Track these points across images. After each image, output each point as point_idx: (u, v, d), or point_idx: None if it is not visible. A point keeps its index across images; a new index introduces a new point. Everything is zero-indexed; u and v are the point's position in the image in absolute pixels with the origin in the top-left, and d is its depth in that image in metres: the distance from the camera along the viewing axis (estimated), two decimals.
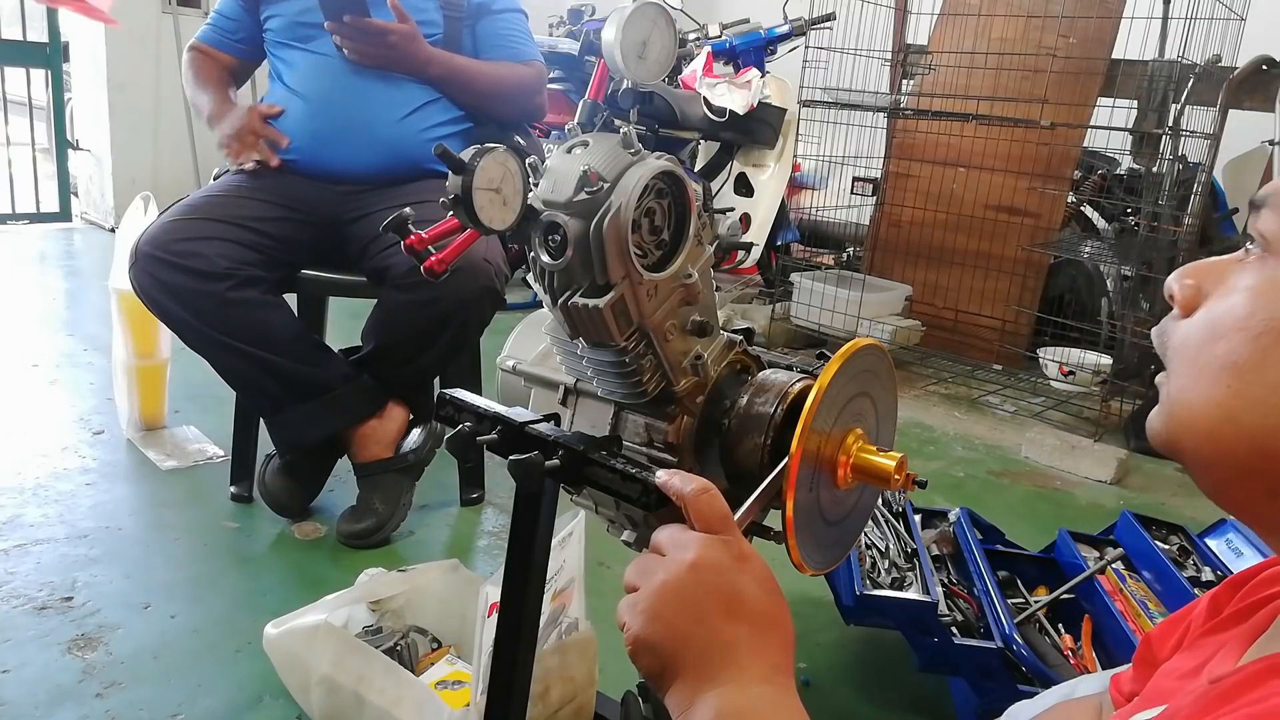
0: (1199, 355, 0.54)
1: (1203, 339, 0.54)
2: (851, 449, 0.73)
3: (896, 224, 3.75)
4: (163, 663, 1.47)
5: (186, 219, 1.77)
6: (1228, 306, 0.54)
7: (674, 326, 0.75)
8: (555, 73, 4.07)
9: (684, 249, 0.73)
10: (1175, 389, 0.55)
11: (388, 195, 1.86)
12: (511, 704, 0.93)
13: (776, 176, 3.53)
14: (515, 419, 0.84)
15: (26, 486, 1.99)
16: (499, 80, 2.00)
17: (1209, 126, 2.98)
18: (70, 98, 5.19)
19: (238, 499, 2.00)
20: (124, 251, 1.92)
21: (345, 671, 1.25)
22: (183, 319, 1.74)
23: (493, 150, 0.69)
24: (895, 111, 3.59)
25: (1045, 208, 3.40)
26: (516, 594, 0.91)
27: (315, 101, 1.89)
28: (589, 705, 1.31)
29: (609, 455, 0.78)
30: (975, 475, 2.57)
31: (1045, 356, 3.26)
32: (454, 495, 2.08)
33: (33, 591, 1.63)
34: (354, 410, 1.86)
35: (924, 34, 3.80)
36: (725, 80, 3.18)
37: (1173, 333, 0.57)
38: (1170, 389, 0.56)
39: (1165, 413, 0.56)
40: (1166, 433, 0.56)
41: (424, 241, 0.74)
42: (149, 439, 2.27)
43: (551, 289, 0.71)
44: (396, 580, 1.45)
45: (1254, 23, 3.00)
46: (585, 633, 1.29)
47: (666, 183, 0.71)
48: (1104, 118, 3.20)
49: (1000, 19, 3.53)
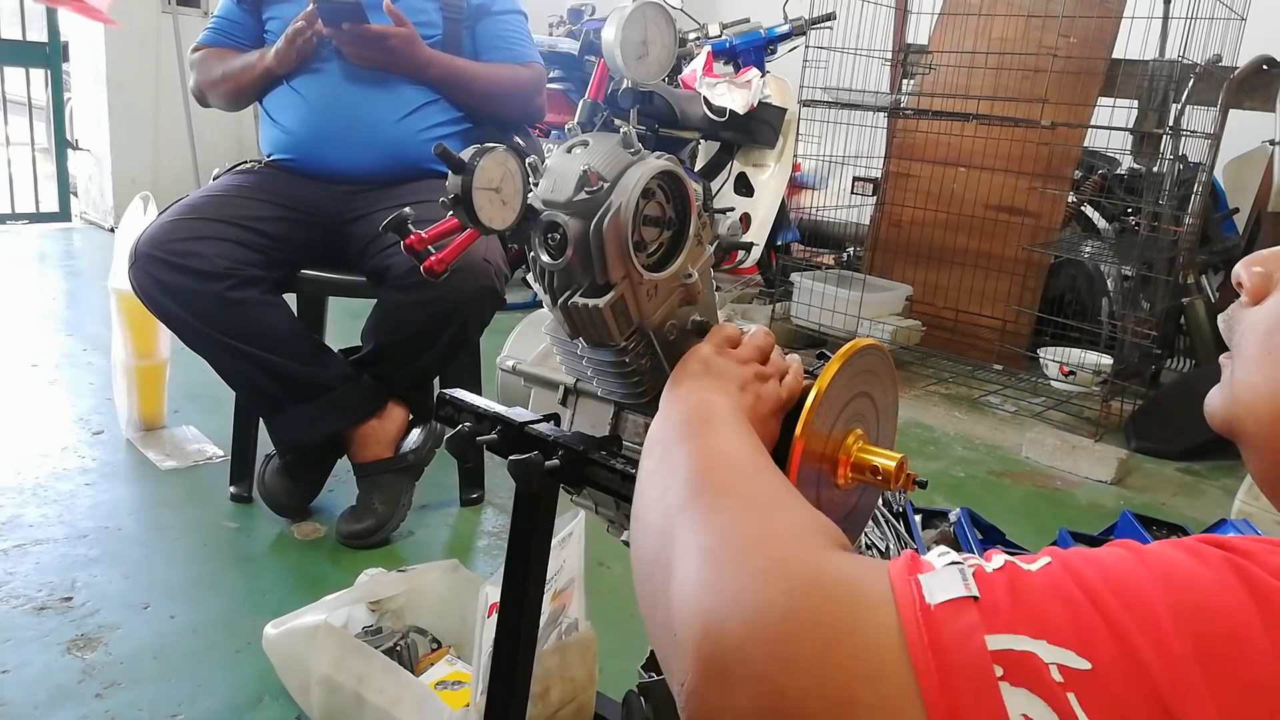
0: (1268, 340, 0.54)
1: (1272, 325, 0.54)
2: (852, 449, 0.73)
3: (897, 224, 3.74)
4: (162, 663, 1.47)
5: (186, 219, 1.77)
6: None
7: (674, 326, 0.75)
8: (555, 72, 4.06)
9: (684, 249, 0.73)
10: (1241, 372, 0.56)
11: (388, 195, 1.86)
12: (511, 704, 0.93)
13: (777, 176, 3.53)
14: (515, 419, 0.84)
15: (26, 486, 1.99)
16: (498, 82, 2.00)
17: (1209, 126, 2.98)
18: (70, 97, 5.19)
19: (237, 499, 1.99)
20: (123, 251, 1.92)
21: (345, 672, 1.25)
22: (182, 319, 1.74)
23: (492, 150, 0.69)
24: (895, 111, 3.59)
25: (1046, 208, 3.40)
26: (516, 594, 0.91)
27: (315, 102, 1.89)
28: (589, 705, 1.30)
29: (609, 455, 0.78)
30: (976, 475, 2.57)
31: (1046, 356, 3.26)
32: (454, 495, 2.08)
33: (32, 592, 1.63)
34: (354, 410, 1.86)
35: (924, 34, 3.79)
36: (725, 80, 3.18)
37: (1241, 319, 0.57)
38: (1236, 371, 0.56)
39: (1228, 394, 0.57)
40: (1226, 413, 0.57)
41: (424, 241, 0.73)
42: (148, 439, 2.27)
43: (551, 289, 0.71)
44: (396, 580, 1.45)
45: (1254, 22, 3.00)
46: (585, 633, 1.29)
47: (666, 182, 0.71)
48: (1104, 117, 3.20)
49: (1000, 19, 3.53)
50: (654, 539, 0.54)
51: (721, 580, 0.46)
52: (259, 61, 1.91)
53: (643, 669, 1.21)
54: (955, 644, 0.39)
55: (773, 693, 0.41)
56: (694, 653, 0.44)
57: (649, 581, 0.53)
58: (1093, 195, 3.47)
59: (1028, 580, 0.41)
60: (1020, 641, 0.38)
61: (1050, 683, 0.37)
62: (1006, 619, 0.39)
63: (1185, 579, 0.38)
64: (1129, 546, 0.42)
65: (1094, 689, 0.36)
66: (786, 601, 0.43)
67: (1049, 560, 0.42)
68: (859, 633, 0.41)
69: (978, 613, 0.39)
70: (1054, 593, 0.39)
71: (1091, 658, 0.37)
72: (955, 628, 0.39)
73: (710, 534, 0.50)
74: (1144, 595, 0.38)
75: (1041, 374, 3.28)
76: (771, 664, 0.42)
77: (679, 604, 0.47)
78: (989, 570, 0.42)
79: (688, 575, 0.48)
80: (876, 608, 0.42)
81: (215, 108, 2.07)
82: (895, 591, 0.42)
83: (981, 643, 0.38)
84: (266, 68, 1.90)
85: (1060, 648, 0.37)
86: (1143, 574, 0.39)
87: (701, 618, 0.45)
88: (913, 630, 0.40)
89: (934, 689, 0.38)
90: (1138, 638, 0.37)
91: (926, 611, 0.40)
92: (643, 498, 0.59)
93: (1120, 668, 0.36)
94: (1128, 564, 0.40)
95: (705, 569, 0.48)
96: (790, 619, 0.43)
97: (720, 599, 0.45)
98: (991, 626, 0.39)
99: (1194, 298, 3.24)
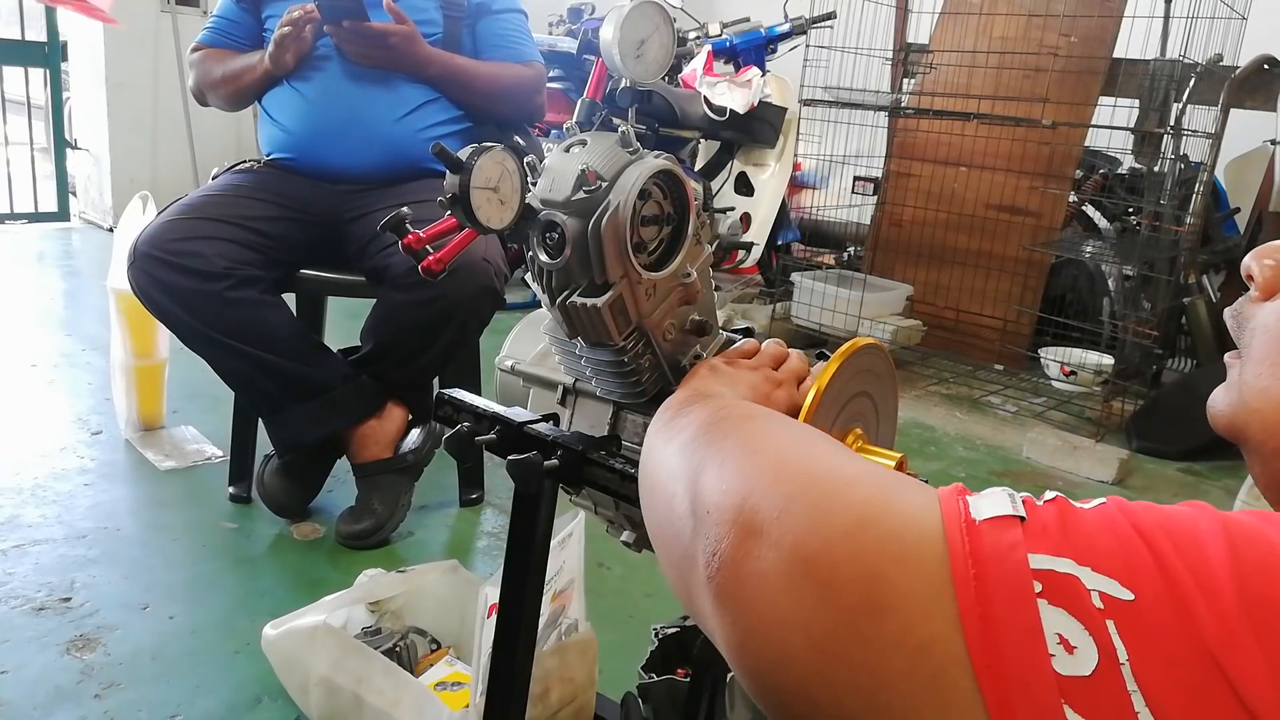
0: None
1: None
2: (852, 449, 0.72)
3: (897, 223, 3.74)
4: (161, 663, 1.46)
5: (185, 218, 1.77)
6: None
7: (673, 326, 0.74)
8: (554, 71, 4.06)
9: (683, 248, 0.72)
10: (1250, 373, 0.54)
11: (387, 194, 1.85)
12: (511, 705, 0.92)
13: (777, 176, 3.52)
14: (514, 419, 0.83)
15: (25, 487, 1.99)
16: (498, 81, 2.00)
17: (1211, 126, 2.97)
18: (69, 97, 5.19)
19: (236, 499, 1.99)
20: (122, 251, 1.92)
21: (344, 672, 1.24)
22: (181, 319, 1.74)
23: (490, 149, 0.68)
24: (896, 110, 3.58)
25: (1047, 207, 3.39)
26: (516, 595, 0.90)
27: (315, 101, 1.89)
28: (589, 706, 1.30)
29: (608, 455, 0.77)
30: (976, 475, 2.56)
31: (1047, 356, 3.26)
32: (453, 496, 2.08)
33: (31, 592, 1.62)
34: (353, 410, 1.86)
35: (925, 33, 3.79)
36: (725, 79, 3.18)
37: (1251, 315, 0.55)
38: (1244, 372, 0.54)
39: (1234, 395, 0.55)
40: (1232, 415, 0.55)
41: (422, 241, 0.73)
42: (147, 439, 2.27)
43: (550, 288, 0.71)
44: (396, 581, 1.44)
45: (1255, 22, 3.00)
46: (585, 634, 1.29)
47: (665, 182, 0.71)
48: (1105, 117, 3.19)
49: (1001, 18, 3.52)
50: (677, 459, 0.54)
51: (762, 466, 0.47)
52: (258, 64, 1.91)
53: (643, 669, 1.21)
54: (996, 555, 0.38)
55: (805, 559, 0.41)
56: (731, 520, 0.44)
57: (674, 482, 0.52)
58: (1094, 195, 3.47)
59: (1079, 513, 0.40)
60: (1063, 564, 0.37)
61: (1090, 607, 0.36)
62: (1053, 543, 0.38)
63: (1248, 536, 0.37)
64: (1197, 505, 0.41)
65: (1135, 620, 0.35)
66: (832, 485, 0.44)
67: (1104, 501, 0.41)
68: (901, 522, 0.41)
69: (1022, 532, 0.38)
70: (1105, 526, 0.38)
71: (1136, 591, 0.36)
72: (998, 541, 0.38)
73: (752, 437, 0.51)
74: (1201, 544, 0.37)
75: (1042, 374, 3.28)
76: (807, 533, 0.41)
77: (715, 483, 0.48)
78: (1039, 502, 0.41)
79: (726, 463, 0.49)
80: (922, 509, 0.41)
81: (215, 107, 2.07)
82: (942, 504, 0.41)
83: (1023, 559, 0.37)
84: (266, 70, 1.90)
85: (1105, 576, 0.36)
86: (1204, 525, 0.38)
87: (744, 491, 0.45)
88: (955, 536, 0.39)
89: (969, 594, 0.37)
90: (1188, 582, 0.35)
91: (971, 524, 0.39)
92: (653, 452, 0.59)
93: (1166, 606, 0.35)
94: (1188, 515, 0.39)
95: (745, 458, 0.48)
96: (832, 497, 0.43)
97: (762, 477, 0.46)
98: (1035, 547, 0.38)
99: (1195, 297, 3.24)
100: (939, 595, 0.38)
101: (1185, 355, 3.45)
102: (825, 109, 3.48)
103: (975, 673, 0.36)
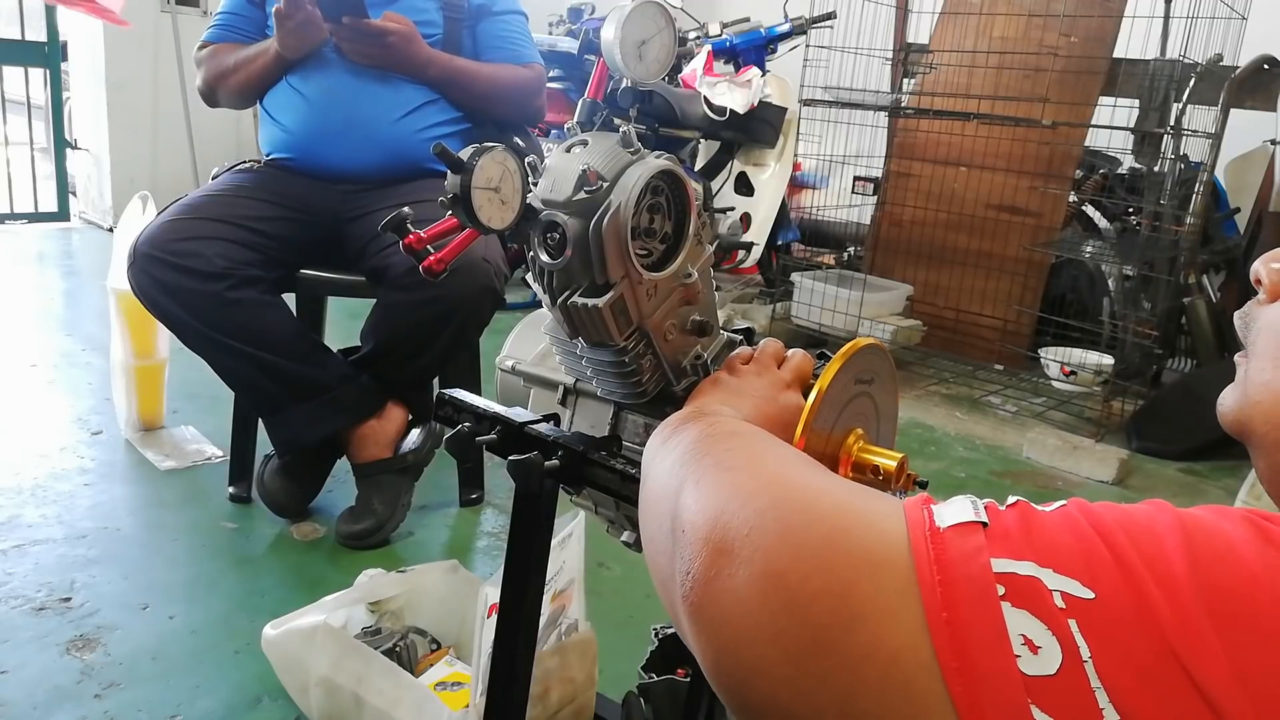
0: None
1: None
2: (852, 449, 0.72)
3: (897, 223, 3.74)
4: (161, 664, 1.46)
5: (185, 219, 1.77)
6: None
7: (674, 326, 0.74)
8: (555, 71, 4.06)
9: (684, 248, 0.72)
10: (1256, 371, 0.55)
11: (387, 194, 1.85)
12: (511, 705, 0.92)
13: (777, 176, 3.52)
14: (514, 419, 0.83)
15: (25, 487, 1.99)
16: (498, 82, 2.00)
17: (1211, 126, 2.97)
18: (69, 97, 5.18)
19: (236, 499, 1.99)
20: (122, 251, 1.92)
21: (344, 672, 1.24)
22: (181, 319, 1.74)
23: (491, 149, 0.68)
24: (896, 110, 3.58)
25: (1047, 207, 3.39)
26: (516, 595, 0.90)
27: (315, 100, 1.89)
28: (589, 706, 1.30)
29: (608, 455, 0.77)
30: (977, 476, 2.56)
31: (1047, 356, 3.26)
32: (453, 496, 2.08)
33: (31, 592, 1.62)
34: (353, 410, 1.86)
35: (925, 33, 3.79)
36: (726, 79, 3.18)
37: (1257, 317, 0.56)
38: (1251, 371, 0.55)
39: (1241, 394, 0.56)
40: (1238, 413, 0.56)
41: (423, 241, 0.73)
42: (147, 439, 2.27)
43: (550, 288, 0.71)
44: (396, 581, 1.44)
45: (1255, 22, 3.00)
46: (585, 634, 1.29)
47: (666, 182, 0.70)
48: (1105, 117, 3.20)
49: (1001, 18, 3.52)
50: (665, 478, 0.55)
51: (736, 483, 0.48)
52: (269, 47, 1.89)
53: (643, 669, 1.21)
54: (960, 560, 0.39)
55: (775, 574, 0.42)
56: (704, 539, 0.45)
57: (661, 501, 0.53)
58: (1094, 195, 3.47)
59: (1040, 516, 0.41)
60: (1025, 567, 0.38)
61: (1053, 608, 0.37)
62: (1015, 546, 0.39)
63: (1203, 528, 0.38)
64: (1155, 503, 0.42)
65: (1096, 618, 0.36)
66: (801, 500, 0.45)
67: (1064, 503, 0.42)
68: (867, 533, 0.42)
69: (985, 537, 0.40)
70: (1066, 528, 0.40)
71: (1096, 588, 0.37)
72: (961, 547, 0.39)
73: (729, 455, 0.52)
74: (1157, 538, 0.38)
75: (1042, 374, 3.28)
76: (777, 548, 0.42)
77: (690, 503, 0.49)
78: (1002, 507, 0.42)
79: (702, 482, 0.50)
80: (887, 517, 0.42)
81: (225, 105, 2.04)
82: (906, 513, 0.42)
83: (986, 563, 0.38)
84: (276, 53, 1.88)
85: (1066, 576, 0.37)
86: (1160, 520, 0.39)
87: (715, 510, 0.46)
88: (919, 544, 0.40)
89: (935, 600, 0.38)
90: (1145, 575, 0.37)
91: (935, 532, 0.41)
92: (647, 472, 0.60)
93: (1125, 601, 0.36)
94: (1146, 512, 0.40)
95: (720, 475, 0.50)
96: (801, 512, 0.44)
97: (734, 495, 0.47)
98: (997, 551, 0.39)
99: (1195, 297, 3.24)
100: (907, 603, 0.39)
101: (1185, 355, 3.45)
102: (825, 109, 3.48)
103: (945, 677, 0.37)
